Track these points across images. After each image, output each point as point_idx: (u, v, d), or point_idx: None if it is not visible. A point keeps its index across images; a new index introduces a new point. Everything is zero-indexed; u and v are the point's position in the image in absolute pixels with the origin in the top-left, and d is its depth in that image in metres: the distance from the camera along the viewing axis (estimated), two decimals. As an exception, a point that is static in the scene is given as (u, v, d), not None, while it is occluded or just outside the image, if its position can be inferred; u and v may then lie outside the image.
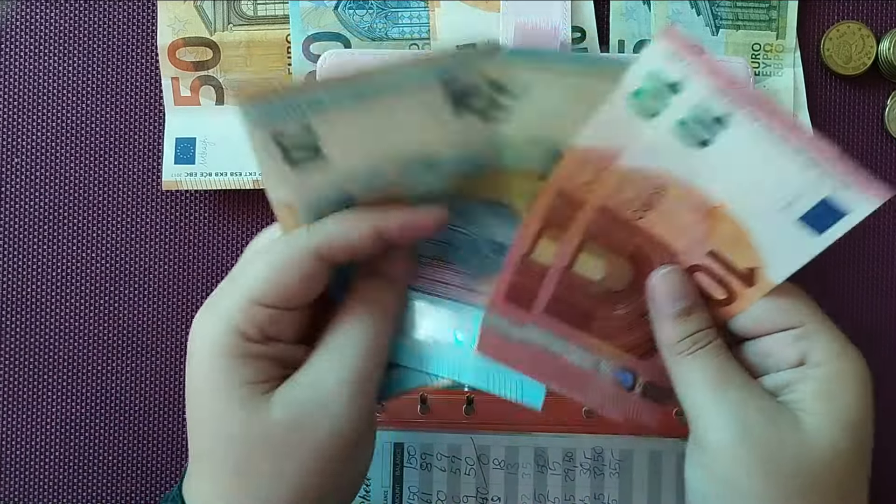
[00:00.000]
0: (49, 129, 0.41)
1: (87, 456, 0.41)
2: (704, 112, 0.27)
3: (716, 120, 0.27)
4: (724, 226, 0.29)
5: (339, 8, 0.40)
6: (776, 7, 0.41)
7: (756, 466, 0.27)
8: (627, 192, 0.29)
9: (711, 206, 0.29)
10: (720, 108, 0.27)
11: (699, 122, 0.27)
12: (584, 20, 0.40)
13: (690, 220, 0.29)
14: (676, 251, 0.30)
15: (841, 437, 0.28)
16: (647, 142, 0.28)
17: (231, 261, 0.41)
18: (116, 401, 0.41)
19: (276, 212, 0.29)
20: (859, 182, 0.27)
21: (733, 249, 0.29)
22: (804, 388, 0.28)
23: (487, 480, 0.40)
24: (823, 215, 0.28)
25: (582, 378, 0.32)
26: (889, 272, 0.42)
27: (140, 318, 0.41)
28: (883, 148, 0.42)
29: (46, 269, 0.41)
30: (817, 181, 0.27)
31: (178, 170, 0.40)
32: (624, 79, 0.27)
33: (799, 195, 0.28)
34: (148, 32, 0.41)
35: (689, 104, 0.27)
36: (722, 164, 0.28)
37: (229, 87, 0.39)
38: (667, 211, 0.29)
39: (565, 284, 0.31)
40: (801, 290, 0.30)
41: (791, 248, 0.28)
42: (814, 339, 0.29)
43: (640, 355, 0.31)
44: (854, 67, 0.42)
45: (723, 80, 0.26)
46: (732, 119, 0.27)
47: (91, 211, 0.41)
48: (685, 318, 0.30)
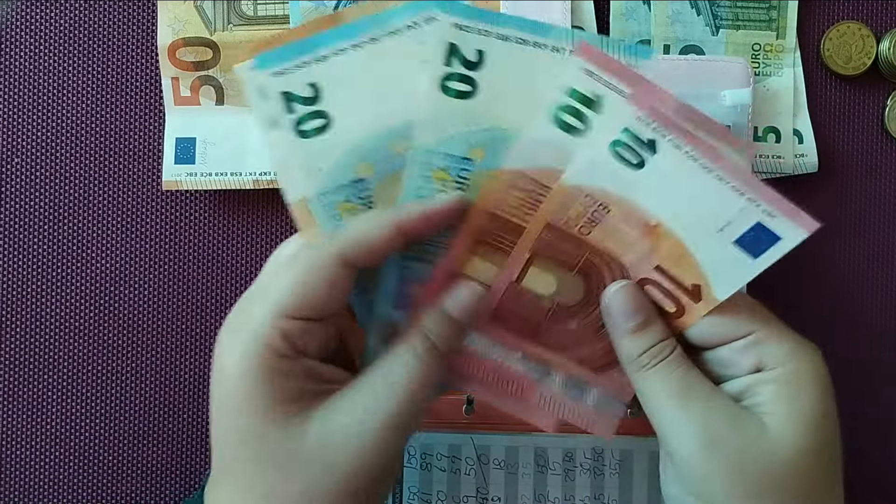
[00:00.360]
0: (49, 129, 0.41)
1: (87, 456, 0.41)
2: (635, 135, 0.27)
3: (646, 144, 0.27)
4: (665, 243, 0.29)
5: (338, 8, 0.40)
6: (776, 7, 0.41)
7: (724, 474, 0.28)
8: (572, 210, 0.29)
9: (651, 224, 0.29)
10: (648, 132, 0.27)
11: (631, 143, 0.27)
12: (584, 20, 0.40)
13: (634, 236, 0.30)
14: (625, 265, 0.30)
15: (804, 436, 0.28)
16: (586, 161, 0.28)
17: (231, 260, 0.42)
18: (116, 401, 0.41)
19: (294, 211, 0.29)
20: (786, 212, 0.27)
21: (678, 266, 0.30)
22: (764, 391, 0.29)
23: (487, 480, 0.40)
24: (758, 240, 0.28)
25: (527, 384, 0.32)
26: (890, 273, 0.42)
27: (140, 317, 0.41)
28: (883, 148, 0.42)
29: (47, 269, 0.41)
30: (746, 209, 0.28)
31: (178, 170, 0.40)
32: (547, 98, 0.27)
33: (730, 220, 0.28)
34: (148, 32, 0.41)
35: (619, 125, 0.27)
36: (656, 185, 0.28)
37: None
38: (612, 227, 0.30)
39: (513, 298, 0.31)
40: (748, 299, 0.31)
41: (731, 268, 0.29)
42: (766, 345, 0.29)
43: (595, 368, 0.32)
44: (854, 67, 0.42)
45: (646, 104, 0.27)
46: (660, 144, 0.27)
47: (91, 211, 0.41)
48: (642, 332, 0.30)
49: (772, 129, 0.41)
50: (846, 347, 0.42)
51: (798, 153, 0.41)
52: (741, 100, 0.39)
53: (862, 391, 0.42)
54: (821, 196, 0.42)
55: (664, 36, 0.41)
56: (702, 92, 0.39)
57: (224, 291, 0.41)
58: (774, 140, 0.41)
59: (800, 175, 0.41)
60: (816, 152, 0.41)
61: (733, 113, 0.39)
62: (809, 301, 0.42)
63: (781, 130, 0.41)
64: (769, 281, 0.42)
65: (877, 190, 0.42)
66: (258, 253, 0.41)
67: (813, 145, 0.41)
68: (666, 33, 0.41)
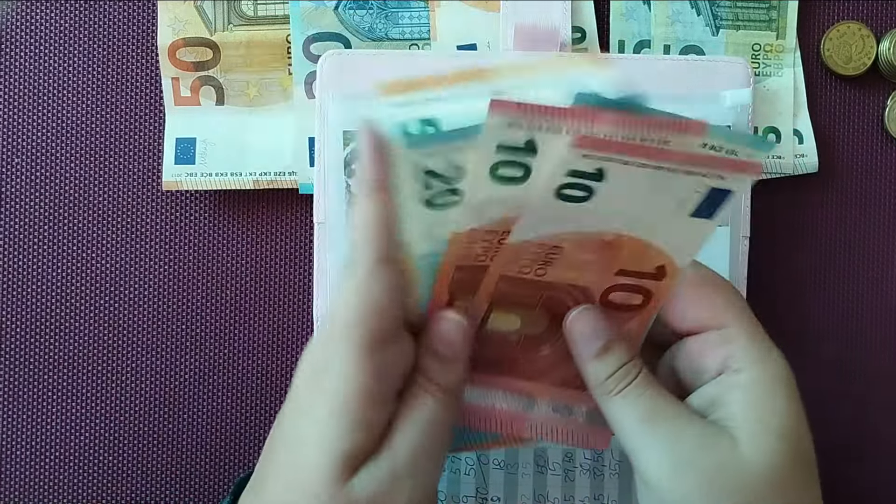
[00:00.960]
0: (49, 130, 0.41)
1: (87, 456, 0.41)
2: (581, 172, 0.26)
3: (593, 174, 0.26)
4: (625, 247, 0.29)
5: (339, 8, 0.40)
6: (776, 7, 0.41)
7: (698, 495, 0.27)
8: (523, 259, 0.29)
9: (608, 239, 0.29)
10: (594, 164, 0.26)
11: (577, 181, 0.26)
12: (584, 20, 0.40)
13: (591, 258, 0.29)
14: (586, 285, 0.30)
15: (776, 447, 0.27)
16: (532, 215, 0.27)
17: (231, 260, 0.41)
18: (116, 401, 0.41)
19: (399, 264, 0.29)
20: (734, 168, 0.26)
21: (640, 260, 0.29)
22: (731, 401, 0.28)
23: (487, 480, 0.40)
24: (711, 203, 0.27)
25: (515, 418, 0.32)
26: (890, 273, 0.43)
27: (140, 317, 0.41)
28: (883, 148, 0.42)
29: (46, 270, 0.41)
30: (698, 183, 0.27)
31: (178, 170, 0.40)
32: (477, 159, 0.26)
33: (684, 199, 0.27)
34: (148, 32, 0.41)
35: (562, 169, 0.26)
36: (607, 205, 0.27)
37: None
38: (567, 260, 0.29)
39: (481, 341, 0.31)
40: (728, 285, 0.30)
41: (690, 236, 0.28)
42: (735, 344, 0.29)
43: (577, 386, 0.31)
44: (854, 67, 0.42)
45: (587, 142, 0.25)
46: (608, 169, 0.26)
47: (91, 211, 0.41)
48: (605, 356, 0.29)
49: (772, 129, 0.41)
50: (846, 347, 0.42)
51: (798, 153, 0.41)
52: (742, 100, 0.39)
53: (860, 393, 0.42)
54: (821, 196, 0.42)
55: (664, 36, 0.41)
56: (701, 93, 0.39)
57: (224, 292, 0.41)
58: (775, 140, 0.41)
59: (800, 175, 0.41)
60: (816, 152, 0.41)
61: (733, 113, 0.39)
62: (809, 300, 0.42)
63: (781, 130, 0.41)
64: (769, 282, 0.42)
65: (877, 190, 0.42)
66: (258, 253, 0.42)
67: (813, 145, 0.41)
68: (666, 33, 0.41)
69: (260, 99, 0.41)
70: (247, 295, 0.41)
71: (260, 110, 0.41)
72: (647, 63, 0.39)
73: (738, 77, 0.39)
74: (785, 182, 0.42)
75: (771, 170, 0.41)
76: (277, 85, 0.41)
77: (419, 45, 0.40)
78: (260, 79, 0.41)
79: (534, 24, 0.39)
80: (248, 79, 0.41)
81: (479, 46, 0.40)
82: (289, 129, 0.40)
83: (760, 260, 0.41)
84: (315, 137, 0.39)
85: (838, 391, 0.42)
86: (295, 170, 0.40)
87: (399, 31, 0.40)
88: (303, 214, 0.41)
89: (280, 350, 0.42)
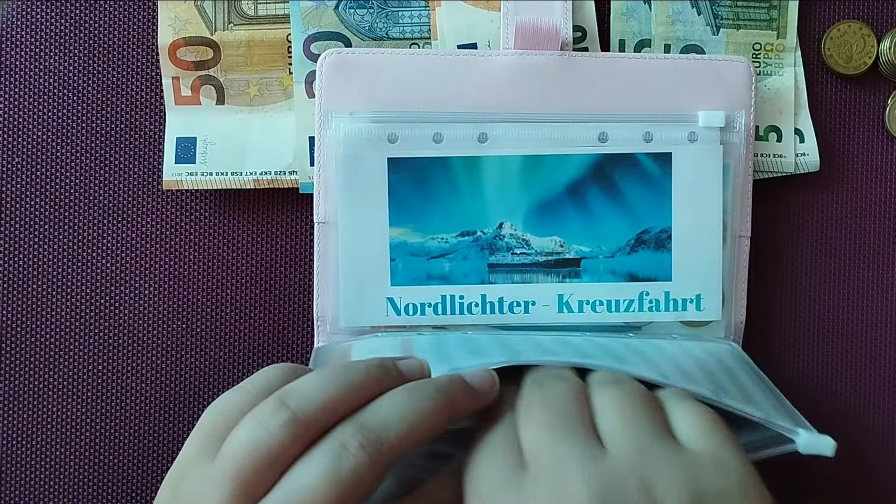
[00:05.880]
0: (49, 129, 0.41)
1: (88, 455, 0.41)
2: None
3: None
4: None
5: (339, 7, 0.40)
6: (777, 7, 0.41)
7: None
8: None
9: None
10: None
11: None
12: (584, 19, 0.40)
13: None
14: None
15: None
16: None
17: (231, 260, 0.41)
18: (116, 401, 0.41)
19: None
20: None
21: None
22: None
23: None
24: None
25: None
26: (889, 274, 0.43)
27: (140, 317, 0.41)
28: (883, 148, 0.42)
29: (47, 269, 0.41)
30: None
31: (178, 169, 0.40)
32: None
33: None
34: (148, 32, 0.41)
35: None
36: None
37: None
38: None
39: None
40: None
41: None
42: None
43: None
44: (854, 67, 0.42)
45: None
46: None
47: (91, 210, 0.41)
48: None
49: (773, 128, 0.41)
50: (846, 347, 0.42)
51: (799, 152, 0.41)
52: (715, 122, 0.39)
53: (861, 393, 0.42)
54: (822, 195, 0.42)
55: (665, 35, 0.41)
56: (676, 114, 0.39)
57: (224, 291, 0.41)
58: (776, 139, 0.41)
59: (800, 174, 0.41)
60: (818, 151, 0.41)
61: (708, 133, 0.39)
62: (809, 300, 0.42)
63: (783, 130, 0.41)
64: (769, 282, 0.42)
65: (877, 189, 0.42)
66: (258, 252, 0.41)
67: (814, 144, 0.41)
68: (666, 33, 0.41)
69: (260, 98, 0.41)
70: (247, 294, 0.41)
71: (260, 110, 0.41)
72: (648, 62, 0.39)
73: (740, 76, 0.39)
74: (785, 181, 0.42)
75: (773, 169, 0.41)
76: (278, 84, 0.41)
77: (419, 45, 0.40)
78: (260, 78, 0.41)
79: (534, 23, 0.39)
80: (249, 78, 0.41)
81: (479, 45, 0.40)
82: (289, 129, 0.40)
83: (760, 260, 0.41)
84: (315, 137, 0.39)
85: (839, 391, 0.42)
86: (295, 169, 0.40)
87: (399, 30, 0.40)
88: (303, 214, 0.41)
89: (280, 349, 0.42)
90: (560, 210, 0.39)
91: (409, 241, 0.38)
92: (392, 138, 0.38)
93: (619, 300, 0.39)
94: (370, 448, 0.26)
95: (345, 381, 0.27)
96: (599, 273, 0.39)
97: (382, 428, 0.26)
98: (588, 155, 0.38)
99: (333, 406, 0.27)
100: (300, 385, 0.27)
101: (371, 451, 0.26)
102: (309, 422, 0.26)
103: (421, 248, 0.39)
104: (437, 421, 0.27)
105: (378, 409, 0.27)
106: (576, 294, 0.39)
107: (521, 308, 0.39)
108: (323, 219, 0.39)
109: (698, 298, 0.39)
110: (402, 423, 0.27)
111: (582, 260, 0.39)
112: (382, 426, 0.26)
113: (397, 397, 0.27)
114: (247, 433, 0.26)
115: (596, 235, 0.39)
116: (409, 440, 0.27)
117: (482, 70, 0.39)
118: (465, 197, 0.38)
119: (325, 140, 0.38)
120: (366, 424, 0.26)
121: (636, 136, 0.39)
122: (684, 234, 0.39)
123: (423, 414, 0.27)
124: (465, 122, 0.38)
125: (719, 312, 0.39)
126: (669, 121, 0.39)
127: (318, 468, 0.25)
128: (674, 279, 0.39)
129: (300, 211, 0.41)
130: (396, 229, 0.38)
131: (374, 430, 0.26)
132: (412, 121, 0.38)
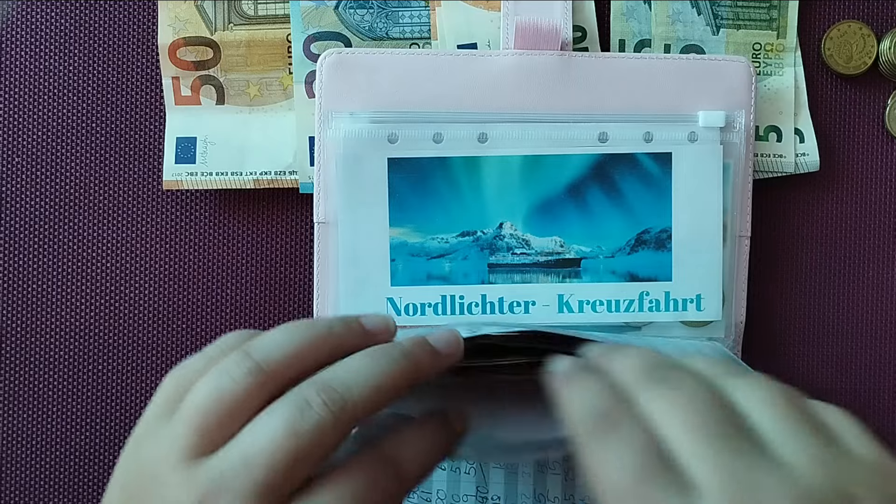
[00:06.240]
0: (50, 129, 0.41)
1: (88, 456, 0.41)
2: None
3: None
4: None
5: (339, 7, 0.40)
6: (777, 6, 0.41)
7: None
8: None
9: None
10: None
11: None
12: (585, 19, 0.40)
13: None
14: None
15: None
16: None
17: (231, 260, 0.41)
18: (116, 401, 0.41)
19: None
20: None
21: None
22: None
23: (487, 480, 0.40)
24: None
25: None
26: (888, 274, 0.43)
27: (140, 317, 0.41)
28: (883, 148, 0.42)
29: (47, 269, 0.41)
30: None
31: (178, 169, 0.40)
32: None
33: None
34: (148, 32, 0.41)
35: None
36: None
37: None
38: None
39: None
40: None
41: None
42: None
43: None
44: (855, 67, 0.42)
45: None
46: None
47: (92, 210, 0.41)
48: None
49: (773, 128, 0.41)
50: (846, 346, 0.42)
51: (799, 152, 0.41)
52: (716, 121, 0.39)
53: (862, 393, 0.42)
54: (822, 195, 0.42)
55: (665, 35, 0.41)
56: (676, 114, 0.39)
57: (224, 291, 0.41)
58: (776, 139, 0.41)
59: (800, 174, 0.41)
60: (818, 151, 0.41)
61: (709, 133, 0.39)
62: (809, 300, 0.42)
63: (783, 130, 0.41)
64: (769, 282, 0.42)
65: (877, 189, 0.42)
66: (259, 252, 0.41)
67: (814, 144, 0.41)
68: (666, 33, 0.41)
69: (260, 98, 0.41)
70: (247, 294, 0.41)
71: (260, 110, 0.41)
72: (648, 62, 0.39)
73: (740, 76, 0.39)
74: (785, 181, 0.42)
75: (774, 169, 0.41)
76: (278, 84, 0.41)
77: (419, 45, 0.40)
78: (260, 78, 0.41)
79: (534, 23, 0.39)
80: (249, 78, 0.41)
81: (479, 45, 0.40)
82: (289, 129, 0.40)
83: (760, 260, 0.41)
84: (315, 137, 0.39)
85: (839, 390, 0.42)
86: (295, 169, 0.40)
87: (399, 30, 0.40)
88: (303, 214, 0.41)
89: (280, 349, 0.42)
90: (560, 210, 0.39)
91: (410, 242, 0.39)
92: (392, 138, 0.38)
93: (619, 300, 0.39)
94: (333, 406, 0.25)
95: (308, 335, 0.27)
96: (599, 273, 0.39)
97: (347, 388, 0.26)
98: (588, 155, 0.38)
99: (298, 357, 0.27)
100: (263, 338, 0.27)
101: (335, 410, 0.25)
102: (274, 371, 0.26)
103: (421, 249, 0.39)
104: (402, 384, 0.27)
105: (343, 369, 0.27)
106: (576, 294, 0.39)
107: (521, 308, 0.39)
108: (323, 219, 0.39)
109: (698, 298, 0.39)
110: (366, 384, 0.26)
111: (582, 260, 0.39)
112: (346, 386, 0.26)
113: (364, 360, 0.27)
114: (211, 383, 0.26)
115: (596, 235, 0.39)
116: (372, 401, 0.26)
117: (482, 70, 0.39)
118: (465, 197, 0.38)
119: (325, 140, 0.38)
120: (330, 383, 0.26)
121: (636, 136, 0.39)
122: (684, 234, 0.39)
123: (388, 377, 0.27)
124: (465, 122, 0.38)
125: (719, 312, 0.39)
126: (669, 121, 0.39)
127: (278, 420, 0.25)
128: (674, 279, 0.39)
129: (300, 211, 0.41)
130: (396, 229, 0.38)
131: (338, 389, 0.26)
132: (412, 121, 0.38)
